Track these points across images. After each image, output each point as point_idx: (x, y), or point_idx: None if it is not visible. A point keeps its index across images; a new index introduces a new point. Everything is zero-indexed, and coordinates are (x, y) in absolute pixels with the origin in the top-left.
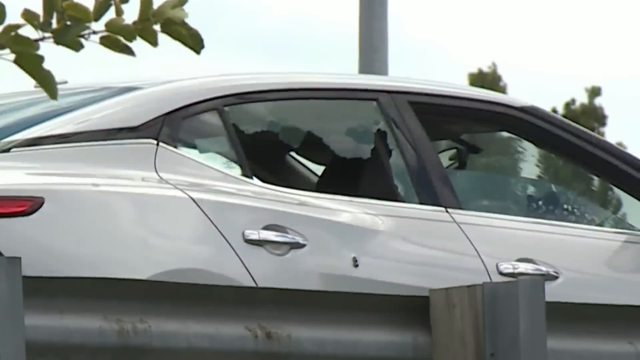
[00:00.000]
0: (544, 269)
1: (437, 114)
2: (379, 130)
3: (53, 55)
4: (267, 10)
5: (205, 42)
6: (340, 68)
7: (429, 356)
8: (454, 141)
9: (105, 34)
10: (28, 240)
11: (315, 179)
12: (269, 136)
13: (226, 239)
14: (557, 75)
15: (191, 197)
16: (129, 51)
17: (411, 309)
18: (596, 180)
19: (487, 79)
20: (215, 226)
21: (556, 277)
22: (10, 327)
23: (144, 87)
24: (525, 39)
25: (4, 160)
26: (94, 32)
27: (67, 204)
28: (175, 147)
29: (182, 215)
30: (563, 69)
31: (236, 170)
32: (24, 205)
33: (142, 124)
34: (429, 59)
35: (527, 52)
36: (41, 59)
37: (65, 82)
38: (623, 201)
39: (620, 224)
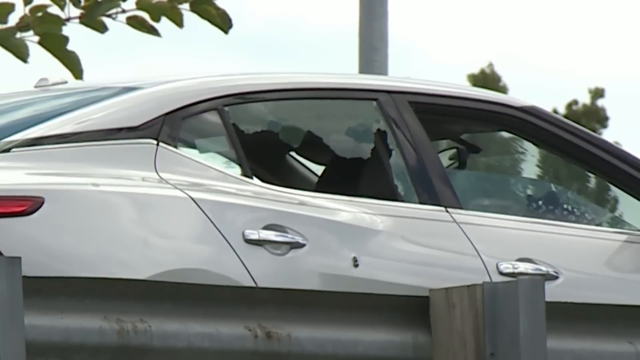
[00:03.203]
0: (544, 268)
1: (437, 114)
2: (379, 130)
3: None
4: (250, 11)
5: (189, 43)
6: (323, 68)
7: (429, 356)
8: (454, 141)
9: (132, 13)
10: (28, 240)
11: (315, 179)
12: (269, 136)
13: (226, 239)
14: (559, 76)
15: (191, 197)
16: (155, 32)
17: (411, 308)
18: (596, 180)
19: (487, 79)
20: (215, 226)
21: (556, 277)
22: (10, 327)
23: (144, 87)
24: (526, 39)
25: (4, 160)
26: (123, 11)
27: (67, 204)
28: (175, 147)
29: (182, 215)
30: (566, 69)
31: (236, 170)
32: (24, 205)
33: (142, 124)
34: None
35: (529, 51)
36: (66, 39)
37: (65, 82)
38: (623, 201)
39: (620, 223)
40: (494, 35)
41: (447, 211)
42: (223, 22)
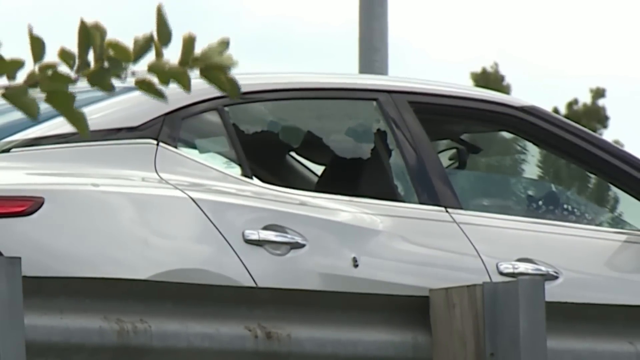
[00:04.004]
0: (544, 269)
1: (437, 113)
2: (379, 130)
3: (53, 52)
4: (248, 12)
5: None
6: (320, 68)
7: (429, 356)
8: (454, 141)
9: (141, 76)
10: (28, 240)
11: (315, 179)
12: (269, 136)
13: (226, 239)
14: (559, 75)
15: (191, 197)
16: (162, 96)
17: (411, 309)
18: (596, 180)
19: (490, 79)
20: (215, 226)
21: (556, 277)
22: (10, 327)
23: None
24: (526, 39)
25: (4, 160)
26: (133, 73)
27: (67, 204)
28: (175, 147)
29: (182, 215)
30: (567, 69)
31: (236, 170)
32: (24, 205)
33: (142, 124)
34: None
35: (530, 51)
36: (73, 97)
37: None
38: (623, 201)
39: (620, 223)
40: (493, 35)
41: (447, 211)
42: (232, 88)
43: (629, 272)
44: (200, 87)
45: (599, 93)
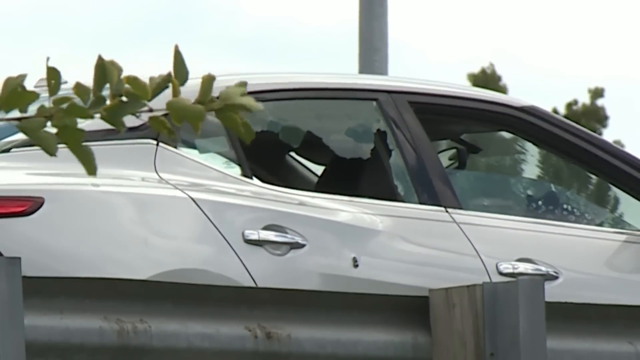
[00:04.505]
0: (543, 269)
1: (437, 114)
2: (379, 130)
3: (55, 53)
4: (244, 12)
5: (186, 43)
6: (317, 69)
7: (429, 356)
8: (454, 141)
9: (154, 114)
10: (28, 240)
11: (315, 179)
12: (269, 136)
13: (226, 239)
14: (559, 75)
15: (191, 197)
16: (172, 134)
17: (411, 309)
18: (596, 180)
19: (487, 79)
20: (215, 226)
21: (556, 277)
22: (10, 327)
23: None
24: (526, 39)
25: (4, 160)
26: (151, 111)
27: (67, 204)
28: (175, 147)
29: (182, 215)
30: (566, 69)
31: (236, 171)
32: (24, 205)
33: (142, 124)
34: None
35: (529, 51)
36: (83, 133)
37: (65, 82)
38: (623, 201)
39: (620, 223)
40: (492, 35)
41: (446, 211)
42: (247, 132)
43: (629, 272)
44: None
45: (597, 93)
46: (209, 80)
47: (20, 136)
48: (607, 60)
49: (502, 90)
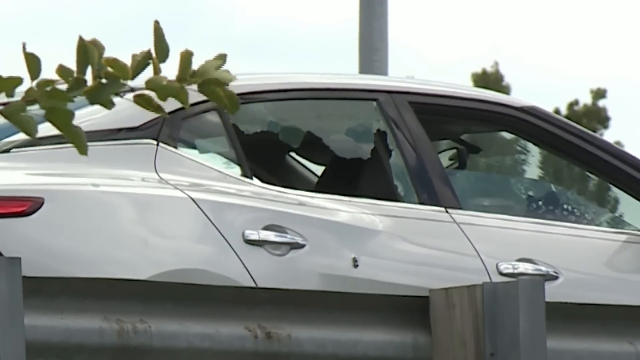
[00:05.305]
0: (544, 269)
1: (437, 114)
2: (379, 130)
3: (51, 53)
4: (241, 13)
5: (184, 43)
6: (315, 69)
7: (429, 356)
8: (454, 141)
9: (139, 92)
10: (28, 240)
11: (315, 179)
12: (269, 136)
13: (226, 239)
14: (560, 76)
15: (191, 197)
16: (161, 111)
17: (411, 309)
18: (596, 180)
19: (490, 79)
20: (215, 226)
21: (556, 277)
22: (10, 327)
23: (144, 87)
24: (527, 39)
25: (4, 160)
26: (132, 90)
27: (67, 204)
28: (175, 147)
29: (182, 215)
30: (567, 70)
31: (236, 170)
32: (24, 205)
33: (142, 124)
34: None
35: (531, 52)
36: (71, 114)
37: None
38: (623, 201)
39: (620, 223)
40: (493, 35)
41: (447, 211)
42: (231, 103)
43: (629, 272)
44: None
45: (599, 94)
46: (187, 57)
47: (20, 136)
48: (610, 61)
49: (505, 90)
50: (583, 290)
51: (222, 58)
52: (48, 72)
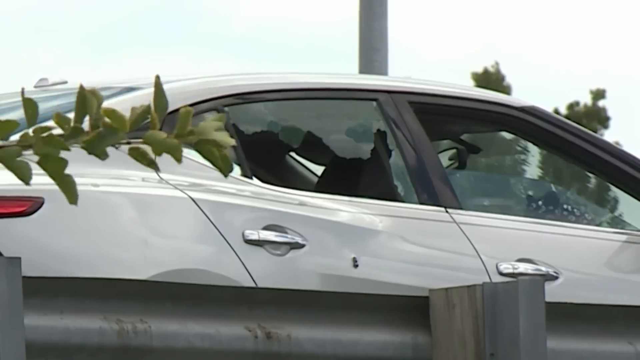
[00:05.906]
0: (543, 269)
1: (437, 114)
2: (379, 130)
3: (52, 52)
4: (238, 13)
5: (181, 43)
6: (313, 69)
7: (428, 356)
8: (454, 141)
9: (134, 145)
10: (28, 240)
11: (315, 179)
12: (269, 136)
13: (226, 239)
14: (560, 76)
15: (191, 197)
16: (154, 166)
17: (411, 309)
18: (596, 180)
19: (491, 79)
20: (215, 226)
21: (556, 277)
22: (10, 327)
23: (144, 87)
24: (528, 40)
25: None
26: (128, 143)
27: (67, 204)
28: None
29: (182, 215)
30: (567, 70)
31: (236, 170)
32: (24, 205)
33: (142, 125)
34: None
35: (531, 52)
36: (65, 162)
37: (65, 82)
38: (623, 201)
39: (620, 223)
40: (493, 36)
41: (446, 211)
42: (224, 164)
43: (629, 272)
44: (200, 87)
45: (599, 94)
46: (186, 114)
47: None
48: (609, 61)
49: (506, 90)
50: (583, 290)
51: (221, 119)
52: (46, 73)
